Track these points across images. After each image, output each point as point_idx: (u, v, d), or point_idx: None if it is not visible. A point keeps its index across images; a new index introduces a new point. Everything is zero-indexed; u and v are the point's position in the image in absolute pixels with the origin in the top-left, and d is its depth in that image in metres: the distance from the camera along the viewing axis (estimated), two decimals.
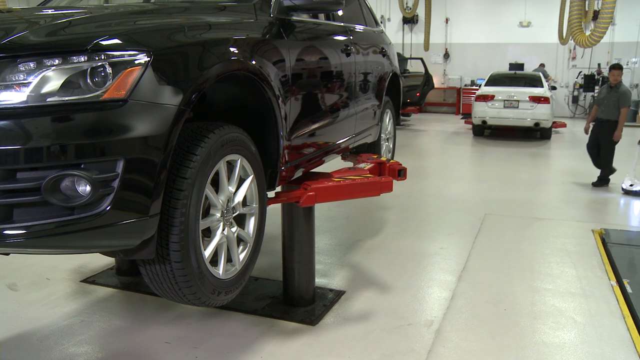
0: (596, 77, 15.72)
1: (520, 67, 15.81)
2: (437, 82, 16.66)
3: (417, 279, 4.15)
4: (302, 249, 3.48)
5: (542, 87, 11.89)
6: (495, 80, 12.51)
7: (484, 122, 11.73)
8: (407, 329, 3.33)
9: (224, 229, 2.45)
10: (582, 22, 10.38)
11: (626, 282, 4.01)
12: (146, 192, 1.98)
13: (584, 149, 7.79)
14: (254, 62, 2.50)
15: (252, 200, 2.65)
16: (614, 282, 4.10)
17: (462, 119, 15.74)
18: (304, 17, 3.26)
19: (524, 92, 11.47)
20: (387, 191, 3.52)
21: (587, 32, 10.06)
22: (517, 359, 3.04)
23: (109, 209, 1.90)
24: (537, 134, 12.08)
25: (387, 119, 5.07)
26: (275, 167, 2.84)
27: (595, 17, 11.75)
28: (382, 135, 4.87)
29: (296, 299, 3.54)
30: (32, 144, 1.79)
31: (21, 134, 1.79)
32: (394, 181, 3.67)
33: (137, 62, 1.96)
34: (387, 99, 4.92)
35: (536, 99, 11.30)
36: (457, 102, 17.59)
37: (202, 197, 2.25)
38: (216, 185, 2.40)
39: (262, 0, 2.85)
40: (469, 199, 6.64)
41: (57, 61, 1.87)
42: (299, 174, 3.24)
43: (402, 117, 14.05)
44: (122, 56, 1.94)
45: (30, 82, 1.84)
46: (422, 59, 14.45)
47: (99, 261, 4.30)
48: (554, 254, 4.72)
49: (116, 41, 1.97)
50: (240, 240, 2.62)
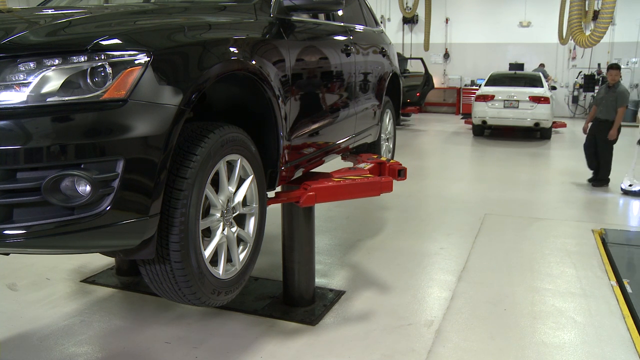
0: (596, 77, 15.70)
1: (520, 67, 15.80)
2: (437, 82, 16.65)
3: (417, 279, 4.15)
4: (302, 249, 3.48)
5: (542, 87, 11.89)
6: (495, 80, 12.51)
7: (484, 122, 11.73)
8: (407, 329, 3.33)
9: (224, 229, 2.45)
10: (582, 22, 10.37)
11: (626, 282, 4.01)
12: (146, 192, 1.98)
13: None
14: (254, 62, 2.50)
15: (252, 200, 2.65)
16: (614, 282, 4.10)
17: (462, 119, 15.73)
18: (304, 17, 3.26)
19: (524, 92, 11.47)
20: (387, 191, 3.52)
21: (587, 32, 10.04)
22: (517, 359, 3.04)
23: (109, 209, 1.90)
24: (537, 134, 12.08)
25: (387, 119, 5.07)
26: (275, 167, 2.84)
27: (595, 17, 11.74)
28: (382, 135, 4.88)
29: (296, 299, 3.55)
30: (32, 144, 1.79)
31: (21, 134, 1.79)
32: (394, 181, 3.67)
33: (137, 62, 1.96)
34: (387, 99, 4.92)
35: (536, 99, 11.30)
36: (457, 102, 17.58)
37: (202, 197, 2.25)
38: (216, 185, 2.40)
39: (262, 0, 2.85)
40: (469, 199, 6.64)
41: (57, 61, 1.87)
42: (299, 174, 3.24)
43: (402, 117, 14.04)
44: (122, 56, 1.94)
45: (30, 82, 1.84)
46: (422, 59, 14.44)
47: (99, 261, 4.30)
48: (554, 254, 4.72)
49: (116, 41, 1.97)
50: (240, 240, 2.62)
